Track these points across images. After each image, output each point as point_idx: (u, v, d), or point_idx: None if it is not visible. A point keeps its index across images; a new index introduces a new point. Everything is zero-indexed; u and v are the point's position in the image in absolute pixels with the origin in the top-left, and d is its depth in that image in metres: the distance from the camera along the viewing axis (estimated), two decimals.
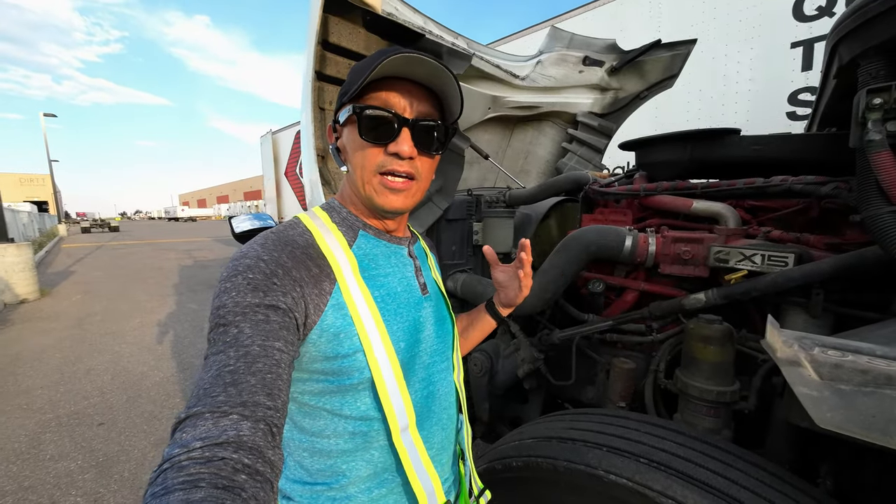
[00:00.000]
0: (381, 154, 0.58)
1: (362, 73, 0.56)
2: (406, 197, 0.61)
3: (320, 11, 1.18)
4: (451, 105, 0.62)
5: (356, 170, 0.60)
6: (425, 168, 0.62)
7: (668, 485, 0.63)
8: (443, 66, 0.56)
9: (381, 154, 0.58)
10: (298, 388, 0.57)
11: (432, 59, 0.55)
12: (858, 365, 0.49)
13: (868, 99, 0.66)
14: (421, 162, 0.61)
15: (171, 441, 0.39)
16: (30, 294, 6.45)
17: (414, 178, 0.60)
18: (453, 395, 0.70)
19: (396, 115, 0.57)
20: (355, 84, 0.57)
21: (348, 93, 0.59)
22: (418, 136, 0.59)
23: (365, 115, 0.57)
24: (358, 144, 0.59)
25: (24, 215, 17.63)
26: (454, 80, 0.58)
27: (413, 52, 0.54)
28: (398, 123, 0.57)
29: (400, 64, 0.55)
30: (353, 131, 0.59)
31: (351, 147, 0.61)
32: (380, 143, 0.58)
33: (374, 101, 0.58)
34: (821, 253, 1.00)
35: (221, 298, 0.48)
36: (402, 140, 0.57)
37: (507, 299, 0.84)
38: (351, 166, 0.62)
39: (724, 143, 1.22)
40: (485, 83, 2.20)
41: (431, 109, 0.61)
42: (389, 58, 0.53)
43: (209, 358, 0.45)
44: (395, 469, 0.60)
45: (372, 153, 0.58)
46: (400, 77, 0.58)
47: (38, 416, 2.85)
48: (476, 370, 1.61)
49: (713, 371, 1.03)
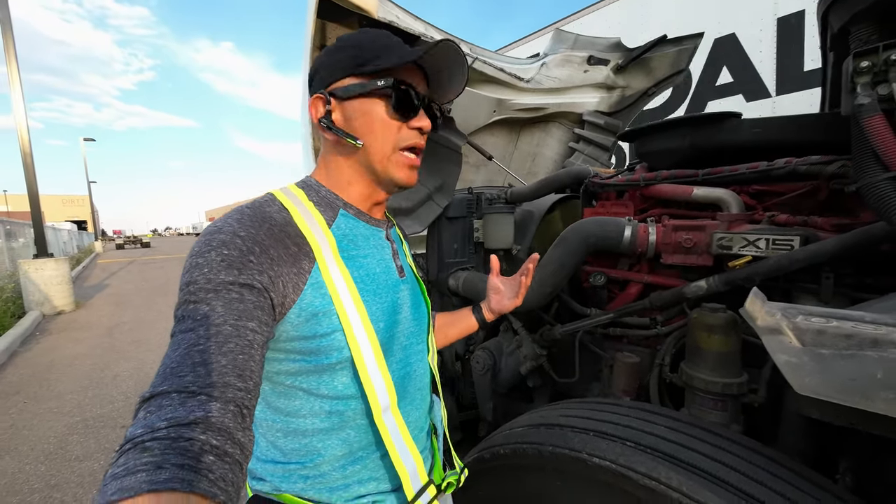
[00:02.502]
0: (403, 128, 0.60)
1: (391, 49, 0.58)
2: (416, 173, 0.64)
3: (314, 17, 1.23)
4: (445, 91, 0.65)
5: (376, 144, 0.59)
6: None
7: (652, 466, 0.60)
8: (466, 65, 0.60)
9: (403, 128, 0.60)
10: (273, 368, 0.56)
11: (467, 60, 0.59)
12: (843, 330, 0.46)
13: (856, 63, 0.63)
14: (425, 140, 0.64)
15: (135, 421, 0.37)
16: (66, 306, 6.80)
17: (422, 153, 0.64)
18: (428, 375, 0.71)
19: (419, 93, 0.60)
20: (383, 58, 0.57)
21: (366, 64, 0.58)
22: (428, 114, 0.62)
23: (401, 91, 0.58)
24: (381, 119, 0.59)
25: (65, 233, 18.72)
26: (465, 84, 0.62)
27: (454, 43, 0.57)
28: (418, 100, 0.60)
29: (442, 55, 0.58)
30: (375, 105, 0.58)
31: (367, 120, 0.59)
32: (408, 118, 0.59)
33: (397, 75, 0.58)
34: (829, 235, 0.95)
35: (192, 274, 0.46)
36: (422, 115, 0.60)
37: (499, 305, 0.87)
38: (367, 141, 0.59)
39: (724, 128, 1.19)
40: (489, 87, 2.22)
41: (427, 90, 0.63)
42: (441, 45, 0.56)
43: (177, 336, 0.43)
44: (371, 446, 0.60)
45: (395, 127, 0.59)
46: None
47: (66, 419, 2.98)
48: (479, 368, 1.59)
49: (718, 362, 0.99)
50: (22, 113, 6.63)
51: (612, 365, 1.30)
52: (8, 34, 6.42)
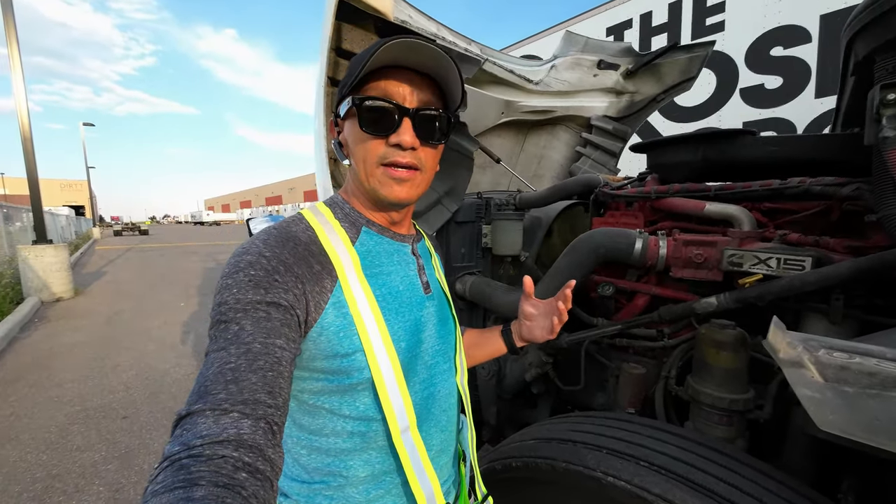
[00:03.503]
0: (382, 145, 0.57)
1: (360, 63, 0.55)
2: (410, 187, 0.59)
3: (333, 19, 1.22)
4: (452, 93, 0.60)
5: (359, 163, 0.59)
6: (429, 158, 0.60)
7: (667, 488, 0.61)
8: (441, 50, 0.54)
9: (382, 145, 0.57)
10: (298, 386, 0.57)
11: (430, 45, 0.53)
12: (866, 367, 0.47)
13: (882, 95, 0.63)
14: (424, 152, 0.59)
15: (172, 438, 0.39)
16: (65, 293, 6.78)
17: (418, 168, 0.59)
18: (455, 396, 0.69)
19: (397, 106, 0.56)
20: (353, 75, 0.56)
21: (347, 84, 0.57)
22: (420, 126, 0.57)
23: (364, 107, 0.56)
24: (359, 137, 0.58)
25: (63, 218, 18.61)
26: (455, 66, 0.56)
27: (410, 37, 0.53)
28: (398, 114, 0.56)
29: (397, 51, 0.53)
30: (353, 124, 0.58)
31: (352, 140, 0.59)
32: (380, 135, 0.56)
33: (374, 91, 0.57)
34: (841, 256, 0.96)
35: (223, 295, 0.48)
36: (403, 130, 0.56)
37: (530, 335, 0.79)
38: (353, 160, 0.60)
39: (738, 144, 1.19)
40: (498, 88, 2.21)
41: (432, 98, 0.59)
42: (386, 45, 0.52)
43: (210, 355, 0.45)
44: (393, 471, 0.59)
45: (373, 145, 0.57)
46: (400, 66, 0.56)
47: (67, 409, 2.98)
48: (484, 374, 1.60)
49: (726, 378, 1.00)
50: (23, 97, 6.56)
51: (618, 375, 1.31)
52: (9, 15, 6.34)
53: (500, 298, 1.50)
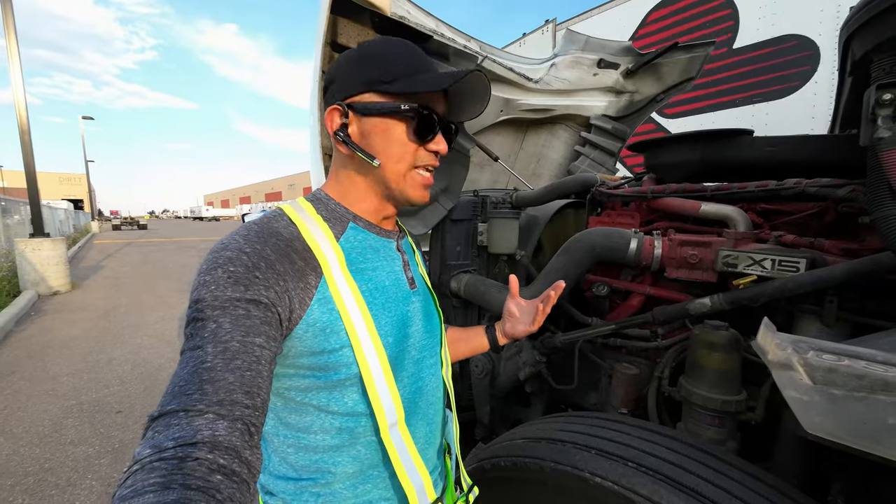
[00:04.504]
0: (420, 150, 0.60)
1: (419, 70, 0.58)
2: (430, 191, 0.65)
3: (328, 12, 1.21)
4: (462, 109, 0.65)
5: (391, 162, 0.59)
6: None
7: (654, 490, 0.61)
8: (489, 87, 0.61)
9: (420, 150, 0.60)
10: (284, 384, 0.56)
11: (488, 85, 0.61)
12: (854, 370, 0.46)
13: (878, 95, 0.63)
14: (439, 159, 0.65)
15: (143, 441, 0.37)
16: (62, 286, 6.77)
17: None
18: (441, 390, 0.70)
19: (440, 117, 0.60)
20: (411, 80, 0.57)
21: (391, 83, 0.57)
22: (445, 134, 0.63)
23: (424, 116, 0.58)
24: (400, 140, 0.59)
25: (61, 212, 18.57)
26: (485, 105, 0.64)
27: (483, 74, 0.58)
28: (438, 124, 0.60)
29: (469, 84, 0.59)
30: (395, 125, 0.58)
31: (385, 139, 0.59)
32: (421, 142, 0.60)
33: (421, 100, 0.58)
34: (835, 258, 0.95)
35: (200, 292, 0.46)
36: (440, 139, 0.61)
37: (513, 330, 0.84)
38: (382, 159, 0.59)
39: (735, 145, 1.18)
40: (497, 86, 2.20)
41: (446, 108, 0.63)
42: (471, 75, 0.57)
43: (185, 353, 0.43)
44: (381, 465, 0.59)
45: (412, 148, 0.60)
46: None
47: (62, 402, 2.98)
48: (477, 372, 1.59)
49: (718, 379, 1.00)
50: (20, 89, 6.53)
51: (611, 375, 1.30)
52: (7, 6, 6.30)
53: (494, 297, 1.50)
